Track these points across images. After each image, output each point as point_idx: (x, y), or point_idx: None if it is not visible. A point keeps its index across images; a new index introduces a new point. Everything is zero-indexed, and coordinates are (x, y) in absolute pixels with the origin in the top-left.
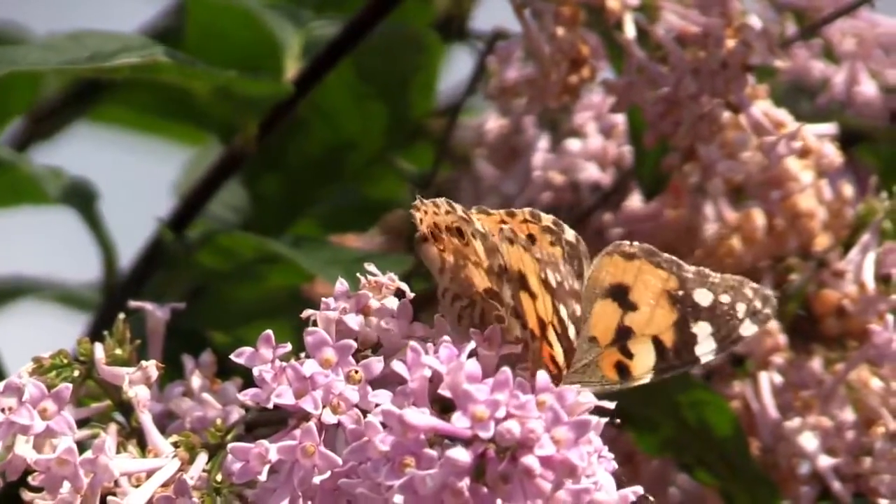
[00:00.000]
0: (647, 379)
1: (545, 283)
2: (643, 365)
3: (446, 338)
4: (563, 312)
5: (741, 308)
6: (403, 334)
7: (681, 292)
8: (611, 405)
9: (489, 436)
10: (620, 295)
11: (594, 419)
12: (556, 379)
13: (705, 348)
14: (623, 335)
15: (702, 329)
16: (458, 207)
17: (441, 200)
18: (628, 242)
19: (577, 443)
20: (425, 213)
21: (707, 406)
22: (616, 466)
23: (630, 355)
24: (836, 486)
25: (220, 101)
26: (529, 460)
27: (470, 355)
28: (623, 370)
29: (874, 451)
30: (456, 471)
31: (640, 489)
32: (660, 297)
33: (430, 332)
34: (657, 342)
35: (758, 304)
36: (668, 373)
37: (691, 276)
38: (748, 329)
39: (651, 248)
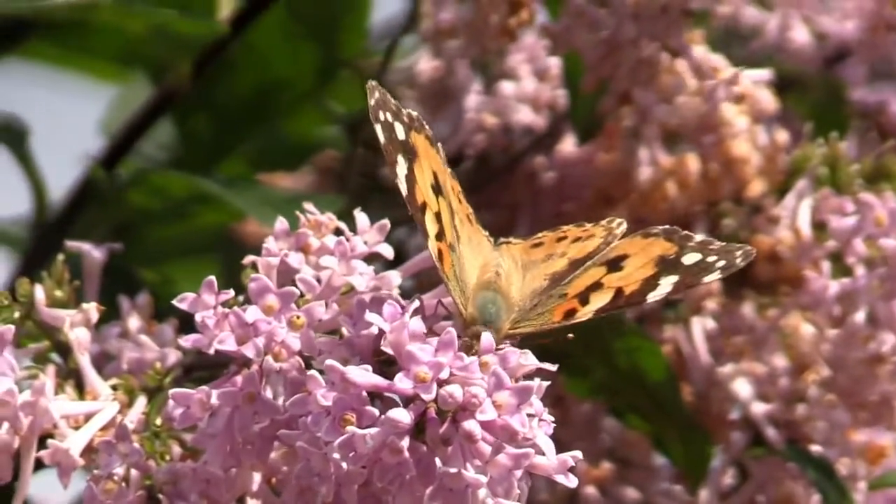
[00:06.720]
0: (584, 319)
1: None
2: (589, 309)
3: (392, 295)
4: None
5: (720, 263)
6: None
7: (673, 256)
8: (553, 368)
9: (431, 398)
10: (615, 262)
11: (536, 383)
12: None
13: (657, 293)
14: (592, 288)
15: (667, 280)
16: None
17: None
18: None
19: (519, 408)
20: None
21: (640, 351)
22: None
23: (587, 303)
24: (770, 432)
25: (155, 40)
26: (470, 425)
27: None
28: (570, 314)
29: (807, 397)
30: (396, 431)
31: (579, 454)
32: (651, 261)
33: None
34: (618, 290)
35: (738, 260)
36: (603, 314)
37: (693, 244)
38: (711, 277)
39: (672, 228)
